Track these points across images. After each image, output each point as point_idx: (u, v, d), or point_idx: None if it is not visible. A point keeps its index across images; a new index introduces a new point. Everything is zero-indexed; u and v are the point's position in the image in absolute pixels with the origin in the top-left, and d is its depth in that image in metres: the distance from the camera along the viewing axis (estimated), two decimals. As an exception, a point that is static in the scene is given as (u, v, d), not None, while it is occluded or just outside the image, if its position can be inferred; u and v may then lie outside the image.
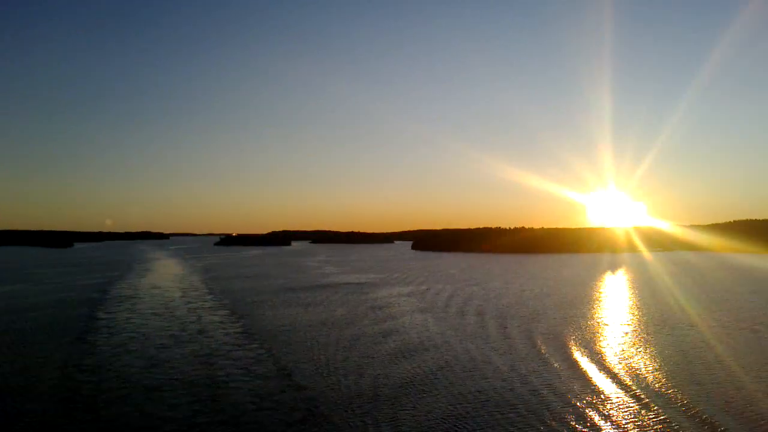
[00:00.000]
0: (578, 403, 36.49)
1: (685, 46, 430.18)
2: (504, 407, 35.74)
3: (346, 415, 34.18)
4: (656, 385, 40.68)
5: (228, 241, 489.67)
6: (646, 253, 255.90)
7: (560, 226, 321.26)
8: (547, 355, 50.39)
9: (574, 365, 46.87)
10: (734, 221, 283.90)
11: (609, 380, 42.37)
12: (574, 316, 72.44)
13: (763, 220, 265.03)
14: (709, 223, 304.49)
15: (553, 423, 32.86)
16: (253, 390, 39.64)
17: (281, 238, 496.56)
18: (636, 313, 77.13)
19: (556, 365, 46.80)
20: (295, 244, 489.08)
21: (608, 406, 36.07)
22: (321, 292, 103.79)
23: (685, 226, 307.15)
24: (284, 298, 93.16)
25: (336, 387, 40.24)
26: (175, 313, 76.91)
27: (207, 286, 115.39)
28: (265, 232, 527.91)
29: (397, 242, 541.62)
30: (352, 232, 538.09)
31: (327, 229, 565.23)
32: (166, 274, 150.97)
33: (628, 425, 32.64)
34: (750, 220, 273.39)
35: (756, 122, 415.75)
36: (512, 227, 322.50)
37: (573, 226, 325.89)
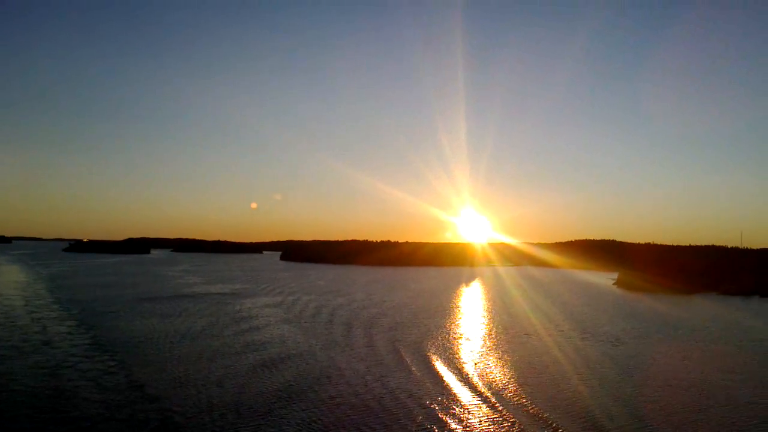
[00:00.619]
0: (433, 406, 39.46)
1: (532, 71, 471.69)
2: (363, 412, 37.73)
3: (205, 427, 34.28)
4: (504, 389, 45.01)
5: (78, 247, 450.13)
6: (499, 267, 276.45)
7: (426, 240, 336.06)
8: (403, 362, 53.60)
9: (429, 371, 50.37)
10: (574, 240, 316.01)
11: (460, 383, 46.29)
12: (429, 325, 77.27)
13: (598, 240, 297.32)
14: (554, 241, 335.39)
15: (411, 426, 35.24)
16: (103, 402, 38.22)
17: (139, 246, 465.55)
18: (486, 321, 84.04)
19: (411, 371, 50.02)
20: (156, 253, 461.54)
21: (459, 408, 39.53)
22: (181, 302, 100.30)
23: (533, 244, 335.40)
24: (141, 309, 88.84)
25: (194, 398, 39.97)
26: (17, 323, 70.72)
27: (54, 295, 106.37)
28: (120, 238, 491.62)
29: (265, 252, 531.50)
30: (219, 241, 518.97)
31: (191, 238, 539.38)
32: (6, 282, 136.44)
33: (477, 426, 35.99)
34: (587, 239, 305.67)
35: (597, 147, 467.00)
36: (380, 240, 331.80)
37: (438, 241, 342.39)
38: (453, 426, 35.75)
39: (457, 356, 57.11)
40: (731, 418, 38.49)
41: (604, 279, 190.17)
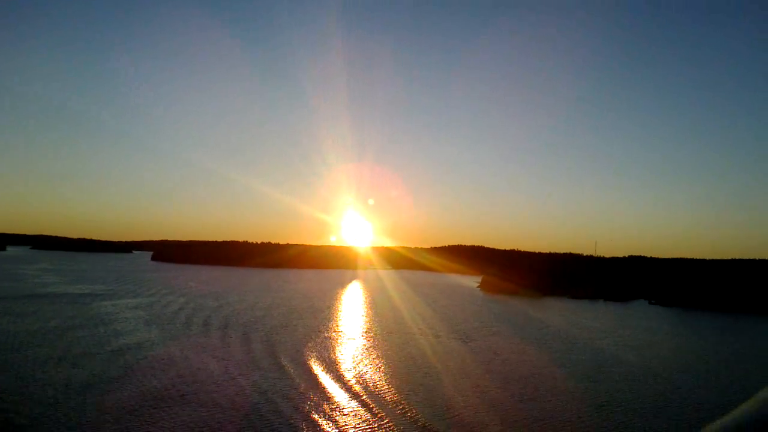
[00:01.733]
0: (305, 408, 40.98)
1: (415, 76, 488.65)
2: (235, 416, 38.17)
3: None
4: (375, 385, 47.90)
5: None
6: (380, 270, 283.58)
7: (310, 243, 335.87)
8: (276, 364, 54.62)
9: (302, 372, 51.80)
10: (449, 245, 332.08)
11: (327, 381, 48.60)
12: (303, 327, 78.78)
13: (469, 246, 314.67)
14: (432, 245, 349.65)
15: (283, 428, 36.32)
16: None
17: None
18: (355, 321, 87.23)
19: (284, 373, 51.17)
20: (12, 250, 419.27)
21: (328, 407, 41.59)
22: (36, 302, 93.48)
23: (412, 248, 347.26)
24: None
25: (44, 404, 38.50)
26: None
27: None
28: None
29: (135, 252, 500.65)
30: (83, 238, 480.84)
31: (52, 234, 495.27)
32: None
33: (350, 424, 38.13)
34: (460, 245, 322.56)
35: (473, 154, 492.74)
36: (261, 242, 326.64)
37: (322, 244, 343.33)
38: (324, 426, 37.09)
39: (327, 356, 59.28)
40: (555, 406, 43.93)
41: (471, 282, 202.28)
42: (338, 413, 40.03)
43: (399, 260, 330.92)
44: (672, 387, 52.19)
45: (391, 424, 38.12)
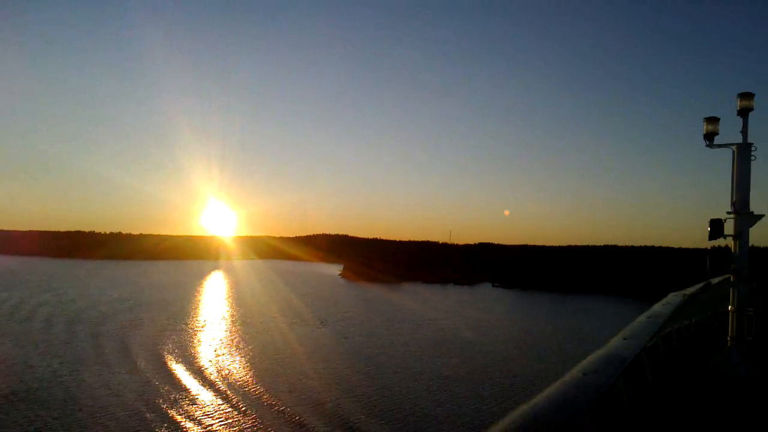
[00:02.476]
0: (159, 406, 40.20)
1: (279, 70, 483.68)
2: (86, 418, 36.67)
3: None
4: (224, 374, 48.38)
5: None
6: (243, 260, 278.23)
7: (170, 233, 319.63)
8: (116, 357, 53.04)
9: (156, 369, 50.49)
10: (314, 234, 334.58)
11: (182, 372, 48.23)
12: (144, 320, 76.34)
13: (333, 234, 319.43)
14: (297, 235, 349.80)
15: (139, 428, 35.19)
16: None
17: None
18: (217, 313, 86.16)
19: (137, 370, 49.60)
20: None
21: (184, 399, 41.33)
22: None
23: (277, 237, 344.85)
24: None
25: None
26: None
27: None
28: None
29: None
30: None
31: None
32: None
33: (205, 414, 38.16)
34: (325, 234, 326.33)
35: (338, 144, 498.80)
36: (110, 232, 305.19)
37: (182, 234, 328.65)
38: (180, 421, 36.69)
39: (179, 349, 58.26)
40: (395, 381, 47.64)
41: (333, 270, 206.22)
42: (193, 405, 40.17)
43: (264, 250, 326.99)
44: (500, 357, 58.72)
45: (244, 409, 39.31)
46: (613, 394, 5.59)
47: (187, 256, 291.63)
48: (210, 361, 53.12)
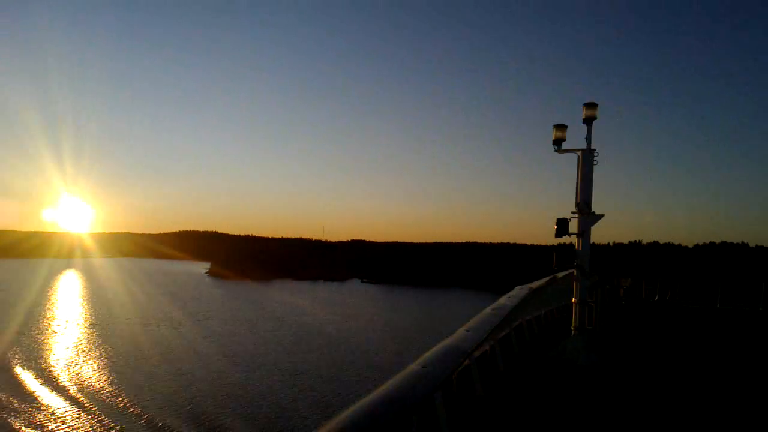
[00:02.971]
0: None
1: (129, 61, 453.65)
2: None
3: None
4: (80, 382, 44.96)
5: None
6: (101, 258, 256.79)
7: (12, 228, 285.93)
8: None
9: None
10: (180, 231, 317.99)
11: (28, 381, 42.79)
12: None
13: (201, 231, 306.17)
14: (161, 231, 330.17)
15: None
16: None
17: None
18: (65, 316, 79.13)
19: None
20: None
21: (31, 409, 36.67)
22: None
23: (140, 234, 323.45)
24: None
25: None
26: None
27: None
28: None
29: None
30: None
31: None
32: None
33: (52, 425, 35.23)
34: (192, 230, 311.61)
35: (209, 137, 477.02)
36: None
37: (27, 230, 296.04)
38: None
39: (23, 355, 52.62)
40: (253, 378, 47.01)
41: (200, 268, 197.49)
42: (33, 411, 37.69)
43: (127, 247, 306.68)
44: (360, 350, 59.79)
45: (89, 414, 37.47)
46: (458, 383, 5.67)
47: (33, 254, 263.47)
48: (54, 365, 48.71)
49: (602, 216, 11.22)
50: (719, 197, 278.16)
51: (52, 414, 37.45)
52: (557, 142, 11.49)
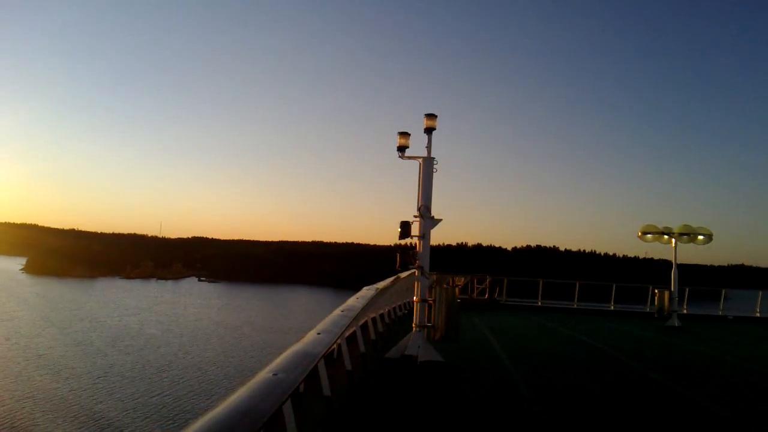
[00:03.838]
0: None
1: None
2: None
3: None
4: None
5: None
6: None
7: None
8: None
9: None
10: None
11: None
12: None
13: (19, 224, 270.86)
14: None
15: None
16: None
17: None
18: None
19: None
20: None
21: None
22: None
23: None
24: None
25: None
26: None
27: None
28: None
29: None
30: None
31: None
32: None
33: None
34: (7, 222, 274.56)
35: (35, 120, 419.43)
36: None
37: None
38: None
39: None
40: (48, 383, 44.15)
41: (14, 264, 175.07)
42: None
43: None
44: (182, 352, 57.24)
45: None
46: (307, 386, 5.69)
47: None
48: None
49: (441, 220, 12.03)
50: (533, 204, 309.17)
51: None
52: (401, 149, 12.01)
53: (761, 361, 14.88)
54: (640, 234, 24.54)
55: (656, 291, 25.34)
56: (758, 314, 28.88)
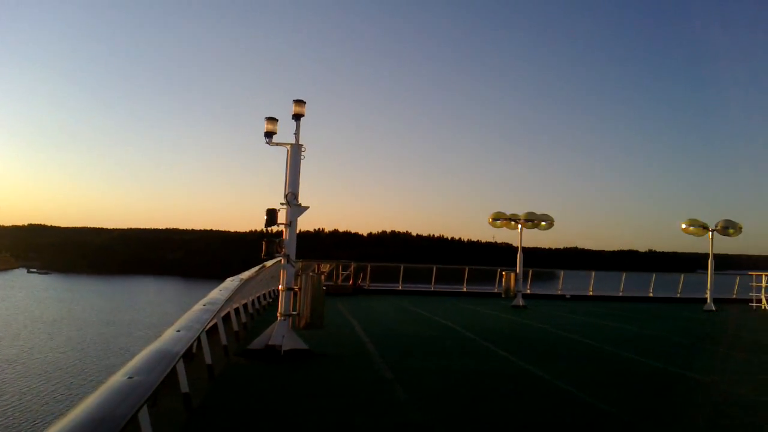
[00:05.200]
0: None
1: None
2: None
3: None
4: None
5: None
6: None
7: None
8: None
9: None
10: None
11: None
12: None
13: None
14: None
15: None
16: None
17: None
18: None
19: None
20: None
21: None
22: None
23: None
24: None
25: None
26: None
27: None
28: None
29: None
30: None
31: None
32: None
33: None
34: None
35: None
36: None
37: None
38: None
39: None
40: None
41: None
42: None
43: None
44: None
45: None
46: (165, 385, 5.37)
47: None
48: None
49: (307, 208, 11.96)
50: (388, 192, 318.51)
51: None
52: (269, 135, 11.77)
53: (594, 335, 16.67)
54: (490, 220, 26.40)
55: (503, 273, 27.11)
56: (591, 293, 32.60)
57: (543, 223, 25.94)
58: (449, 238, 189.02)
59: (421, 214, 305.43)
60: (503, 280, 26.85)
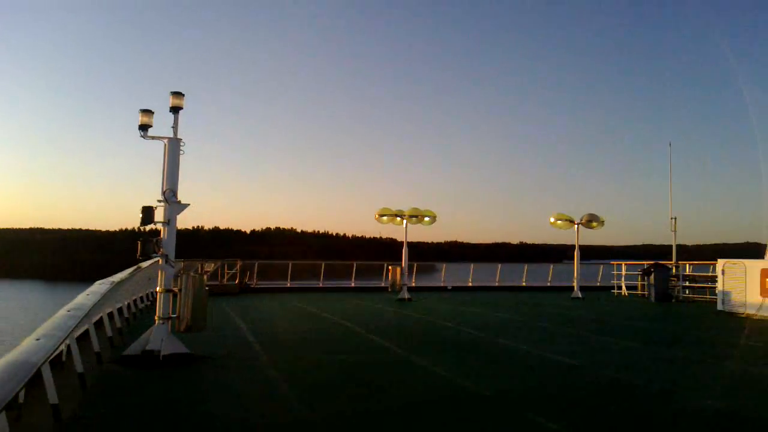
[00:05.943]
0: None
1: None
2: None
3: None
4: None
5: None
6: None
7: None
8: None
9: None
10: None
11: None
12: None
13: None
14: None
15: None
16: None
17: None
18: None
19: None
20: None
21: None
22: None
23: None
24: None
25: None
26: None
27: None
28: None
29: None
30: None
31: None
32: None
33: None
34: None
35: None
36: None
37: None
38: None
39: None
40: None
41: None
42: None
43: None
44: None
45: None
46: (26, 396, 4.96)
47: None
48: None
49: (188, 205, 11.45)
50: (271, 188, 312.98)
51: None
52: (143, 128, 11.14)
53: (473, 323, 17.60)
54: (377, 216, 26.93)
55: (390, 267, 27.80)
56: (470, 284, 34.37)
57: (426, 219, 26.92)
58: (335, 234, 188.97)
59: (305, 210, 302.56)
60: (389, 274, 27.50)
